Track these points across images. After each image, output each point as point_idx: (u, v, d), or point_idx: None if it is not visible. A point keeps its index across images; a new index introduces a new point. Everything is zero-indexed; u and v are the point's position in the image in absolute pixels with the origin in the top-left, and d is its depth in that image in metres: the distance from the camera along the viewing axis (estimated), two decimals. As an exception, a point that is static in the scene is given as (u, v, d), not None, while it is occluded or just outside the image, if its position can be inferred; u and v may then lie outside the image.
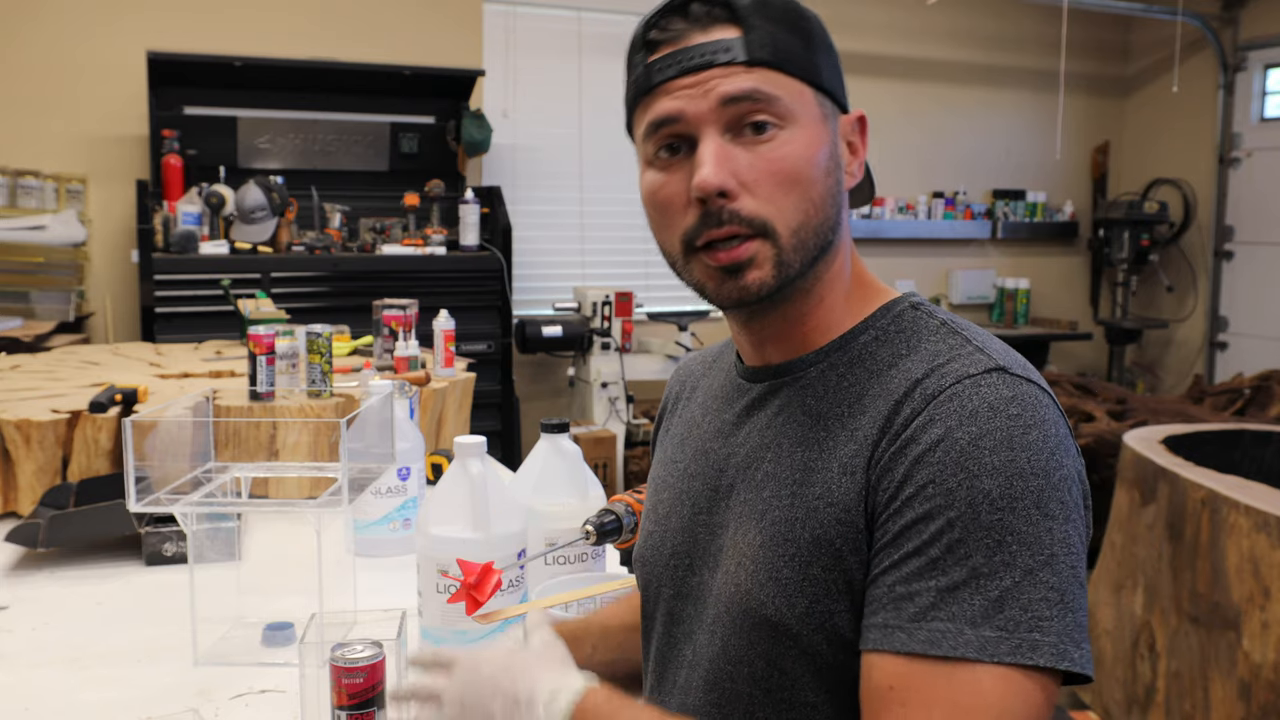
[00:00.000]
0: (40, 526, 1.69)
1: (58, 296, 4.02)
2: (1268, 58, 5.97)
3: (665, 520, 0.93)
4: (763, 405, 0.86)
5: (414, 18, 4.75)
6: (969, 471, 0.70)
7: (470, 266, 4.40)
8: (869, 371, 0.80)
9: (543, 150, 5.08)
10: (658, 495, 0.96)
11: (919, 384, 0.75)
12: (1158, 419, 4.24)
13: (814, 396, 0.82)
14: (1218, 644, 2.36)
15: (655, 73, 0.80)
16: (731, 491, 0.85)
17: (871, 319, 0.84)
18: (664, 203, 0.82)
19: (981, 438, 0.71)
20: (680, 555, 0.90)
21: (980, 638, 0.67)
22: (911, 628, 0.68)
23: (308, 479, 1.79)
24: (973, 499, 0.69)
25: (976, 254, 6.27)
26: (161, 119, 4.17)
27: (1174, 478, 2.58)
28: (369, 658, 0.95)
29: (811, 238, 0.80)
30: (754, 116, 0.78)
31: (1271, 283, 5.94)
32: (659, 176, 0.82)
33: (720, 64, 0.78)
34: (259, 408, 1.99)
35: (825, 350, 0.84)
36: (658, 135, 0.81)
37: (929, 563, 0.69)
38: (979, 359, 0.76)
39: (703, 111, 0.78)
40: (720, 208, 0.78)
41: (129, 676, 1.28)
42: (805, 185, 0.79)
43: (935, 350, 0.78)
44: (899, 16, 5.70)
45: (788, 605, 0.76)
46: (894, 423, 0.75)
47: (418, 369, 2.32)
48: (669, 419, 1.03)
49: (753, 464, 0.84)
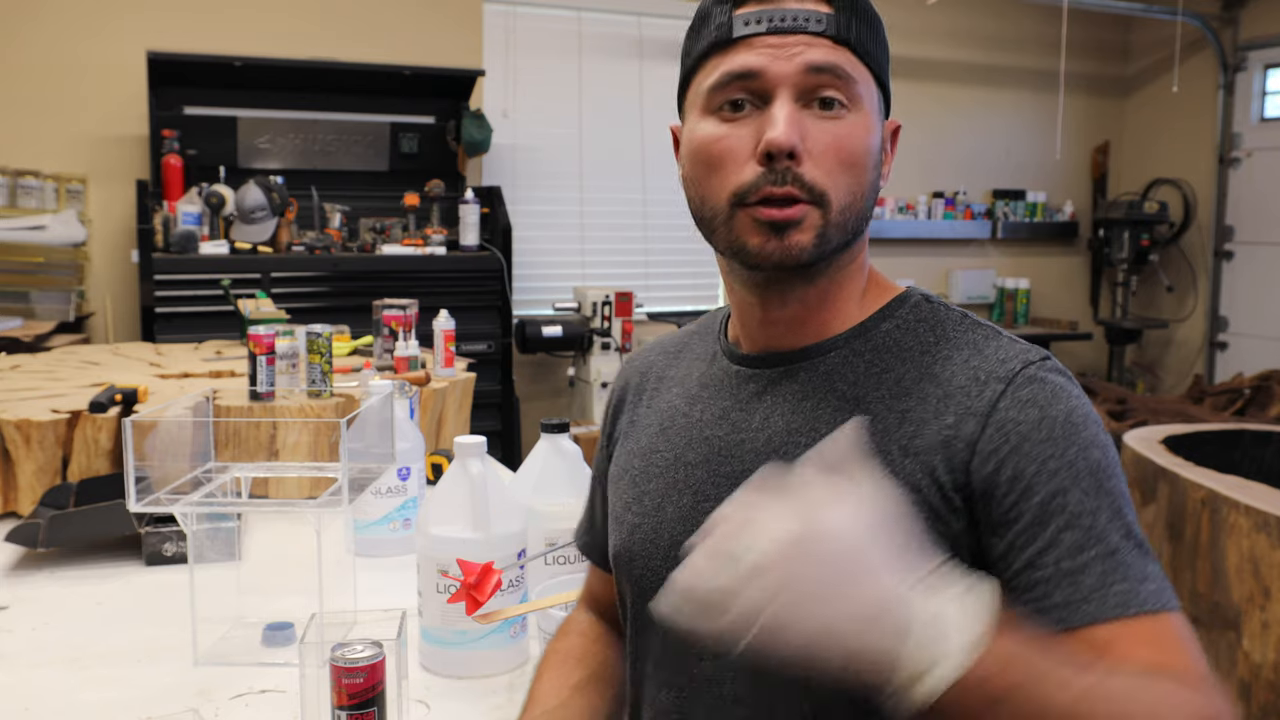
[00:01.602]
0: (40, 526, 1.69)
1: (58, 296, 4.02)
2: (1268, 58, 5.97)
3: (657, 511, 0.90)
4: (775, 391, 0.86)
5: (414, 18, 4.75)
6: (1079, 445, 0.75)
7: (470, 266, 4.40)
8: (900, 358, 0.82)
9: (543, 150, 5.08)
10: (639, 487, 0.93)
11: (981, 368, 0.79)
12: (1158, 419, 4.24)
13: (845, 381, 0.83)
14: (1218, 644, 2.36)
15: (741, 24, 0.80)
16: (748, 476, 0.81)
17: (887, 309, 0.86)
18: (720, 154, 0.81)
19: (1072, 414, 0.76)
20: (680, 547, 0.85)
21: (1148, 591, 0.72)
22: (1097, 598, 0.71)
23: (308, 479, 1.79)
24: (1092, 470, 0.75)
25: (976, 254, 6.27)
26: (161, 119, 4.17)
27: (1174, 478, 2.58)
28: (369, 658, 0.95)
29: (853, 220, 0.82)
30: (828, 91, 0.79)
31: (1271, 283, 5.94)
32: (720, 128, 0.81)
33: (811, 32, 0.79)
34: (259, 408, 1.99)
35: (844, 337, 0.85)
36: (730, 87, 0.80)
37: (1084, 535, 0.73)
38: (1022, 346, 0.81)
39: (786, 73, 0.79)
40: (786, 168, 0.78)
41: (129, 676, 1.28)
42: (859, 170, 0.81)
43: (971, 339, 0.82)
44: (899, 16, 5.69)
45: None
46: (974, 405, 0.77)
47: (418, 369, 2.32)
48: (631, 411, 1.00)
49: (782, 448, 0.83)
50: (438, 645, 1.27)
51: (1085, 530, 0.73)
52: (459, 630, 1.25)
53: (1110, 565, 0.72)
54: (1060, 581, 0.72)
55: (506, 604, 1.24)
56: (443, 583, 1.23)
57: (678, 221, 5.12)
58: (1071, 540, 0.73)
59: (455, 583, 1.19)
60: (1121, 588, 0.71)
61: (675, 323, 4.91)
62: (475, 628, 1.24)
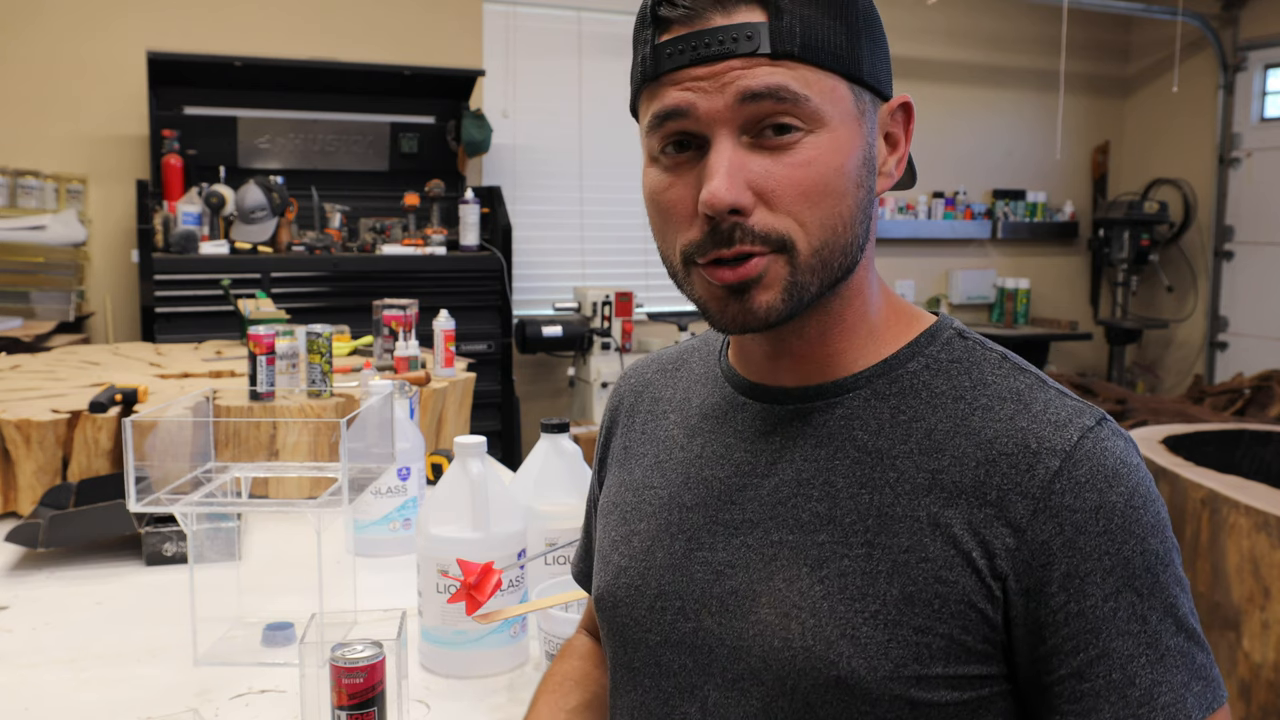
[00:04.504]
0: (40, 526, 1.69)
1: (58, 296, 4.02)
2: (1268, 58, 5.97)
3: (646, 555, 0.81)
4: (786, 432, 0.77)
5: (414, 18, 4.75)
6: (1135, 535, 0.68)
7: (470, 266, 4.40)
8: (930, 405, 0.73)
9: (543, 150, 5.08)
10: (629, 526, 0.84)
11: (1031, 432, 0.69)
12: (1158, 419, 4.24)
13: (866, 430, 0.73)
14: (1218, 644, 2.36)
15: (664, 58, 0.69)
16: (754, 529, 0.75)
17: (916, 345, 0.76)
18: (667, 207, 0.72)
19: (1133, 497, 0.68)
20: (669, 597, 0.78)
21: (1194, 696, 0.68)
22: (1144, 713, 0.67)
23: (308, 479, 1.79)
24: (1149, 565, 0.68)
25: (976, 254, 6.27)
26: (161, 119, 4.17)
27: (1174, 478, 2.58)
28: (369, 658, 0.95)
29: (837, 258, 0.71)
30: (777, 118, 0.68)
31: (1271, 283, 5.94)
32: (663, 177, 0.72)
33: (741, 54, 0.67)
34: (259, 408, 1.99)
35: (866, 376, 0.75)
36: (663, 130, 0.71)
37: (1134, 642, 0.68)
38: (1075, 406, 0.72)
39: (717, 109, 0.68)
40: (732, 225, 0.68)
41: (129, 676, 1.28)
42: (833, 199, 0.69)
43: (1014, 388, 0.73)
44: (899, 16, 5.69)
45: (868, 666, 0.68)
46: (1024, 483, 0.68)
47: (418, 369, 2.32)
48: (623, 436, 0.91)
49: (790, 500, 0.74)
50: (438, 645, 1.27)
51: (1136, 637, 0.67)
52: (459, 630, 1.25)
53: (1159, 674, 0.67)
54: (1110, 695, 0.68)
55: (506, 604, 1.24)
56: (443, 583, 1.23)
57: (678, 221, 5.12)
58: (1122, 650, 0.67)
59: (455, 583, 1.18)
60: (1168, 699, 0.67)
61: (675, 323, 4.92)
62: (475, 628, 1.24)
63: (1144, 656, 0.68)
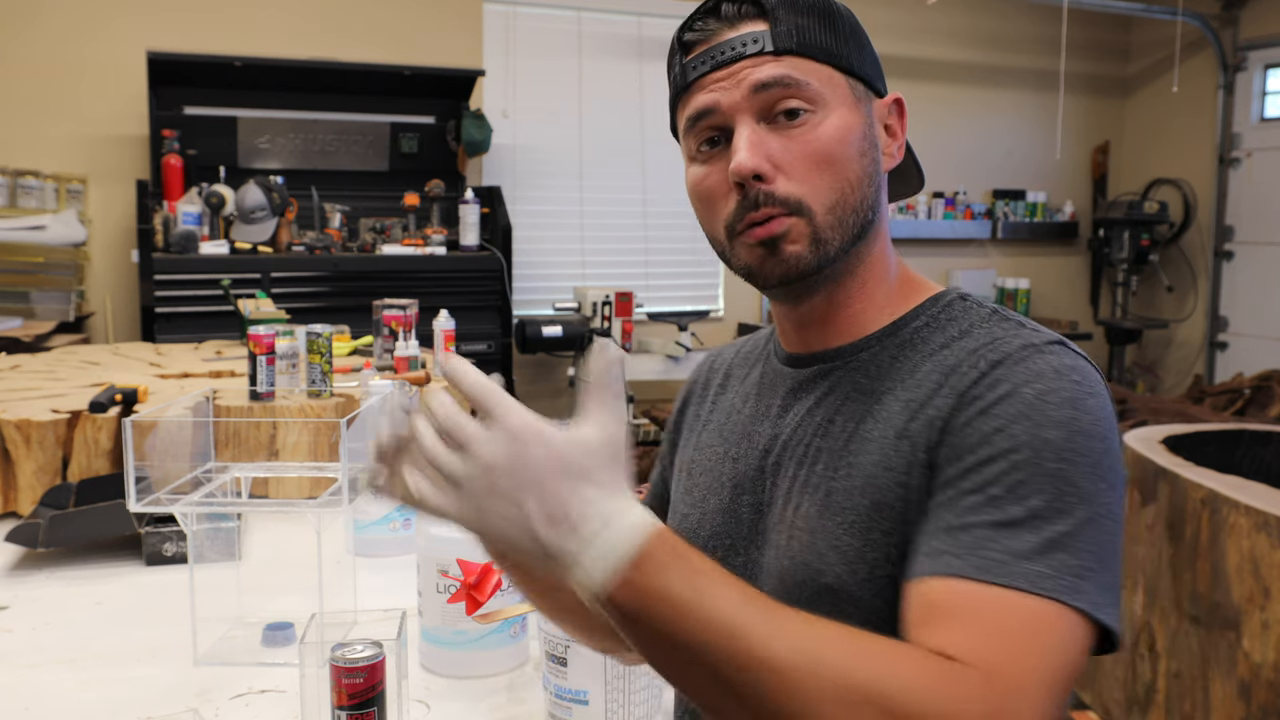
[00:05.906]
0: (40, 526, 1.69)
1: (58, 296, 4.02)
2: (1268, 58, 5.97)
3: (702, 503, 0.93)
4: (810, 388, 0.88)
5: (414, 18, 4.75)
6: (1034, 421, 0.72)
7: (470, 266, 4.40)
8: (922, 353, 0.83)
9: (543, 150, 5.08)
10: (692, 479, 0.96)
11: (978, 351, 0.78)
12: (1158, 419, 4.24)
13: (865, 376, 0.84)
14: (1218, 644, 2.36)
15: (690, 70, 0.85)
16: (779, 470, 0.87)
17: (922, 307, 0.87)
18: (707, 193, 0.85)
19: (1047, 394, 0.73)
20: (720, 537, 0.90)
21: (1030, 571, 0.67)
22: (964, 554, 0.68)
23: (308, 479, 1.79)
24: (1036, 445, 0.71)
25: (976, 254, 6.27)
26: (161, 119, 4.17)
27: (1174, 478, 2.58)
28: (369, 658, 0.95)
29: (850, 216, 0.83)
30: (786, 103, 0.81)
31: (1271, 283, 5.94)
32: (701, 169, 0.85)
33: (749, 55, 0.82)
34: (259, 408, 1.99)
35: (876, 336, 0.86)
36: (697, 129, 0.84)
37: (987, 500, 0.70)
38: (1040, 334, 0.79)
39: (736, 101, 0.82)
40: (756, 191, 0.81)
41: (129, 676, 1.28)
42: (840, 165, 0.82)
43: (992, 332, 0.81)
44: (899, 16, 5.69)
45: (849, 572, 0.77)
46: (956, 385, 0.77)
47: (418, 369, 2.32)
48: (698, 405, 1.03)
49: (802, 441, 0.85)
50: (438, 645, 1.27)
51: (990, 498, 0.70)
52: (459, 630, 1.25)
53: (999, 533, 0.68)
54: (939, 534, 0.70)
55: (506, 604, 1.24)
56: (443, 583, 1.23)
57: (678, 221, 5.12)
58: (971, 502, 0.70)
59: (455, 583, 1.19)
60: (995, 555, 0.67)
61: (675, 323, 4.92)
62: (475, 628, 1.24)
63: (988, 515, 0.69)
